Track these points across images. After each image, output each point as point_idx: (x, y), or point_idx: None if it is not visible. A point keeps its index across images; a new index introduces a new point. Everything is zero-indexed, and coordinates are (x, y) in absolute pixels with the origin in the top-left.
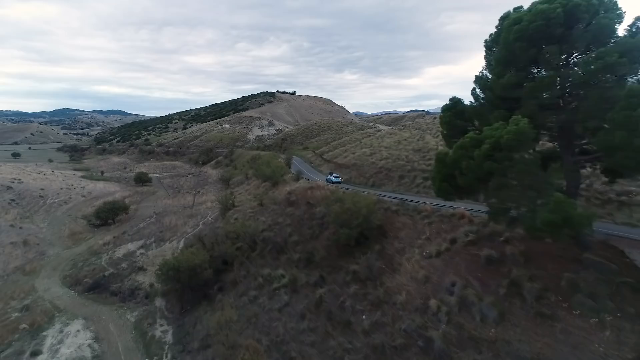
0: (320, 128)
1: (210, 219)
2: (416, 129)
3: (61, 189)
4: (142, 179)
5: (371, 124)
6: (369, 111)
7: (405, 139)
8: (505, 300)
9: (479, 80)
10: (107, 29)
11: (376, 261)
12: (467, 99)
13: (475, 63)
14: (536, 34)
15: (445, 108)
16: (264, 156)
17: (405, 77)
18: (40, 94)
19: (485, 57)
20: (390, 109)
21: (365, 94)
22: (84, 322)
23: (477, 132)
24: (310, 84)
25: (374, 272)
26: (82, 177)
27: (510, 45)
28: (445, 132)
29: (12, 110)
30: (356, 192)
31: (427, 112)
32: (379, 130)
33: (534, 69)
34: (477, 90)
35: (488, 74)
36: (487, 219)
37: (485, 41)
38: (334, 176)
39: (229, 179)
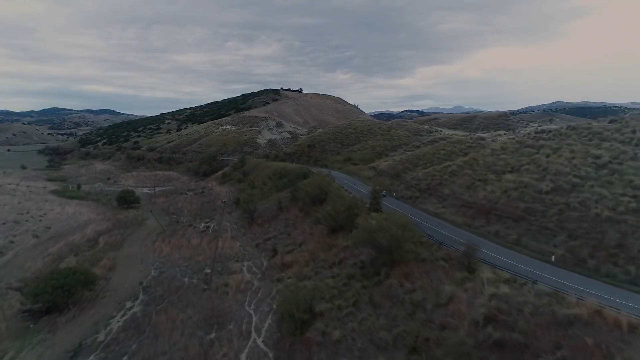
0: (357, 132)
1: (264, 347)
2: (600, 140)
3: (4, 223)
4: (127, 200)
5: (425, 126)
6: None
7: (606, 160)
8: None
9: None
10: (93, 26)
11: None
12: (463, 99)
13: (468, 63)
14: None
15: None
16: (300, 173)
17: (398, 77)
18: (29, 93)
19: None
20: (383, 109)
21: (357, 94)
22: None
23: None
24: (302, 83)
25: None
26: (53, 192)
27: None
28: None
29: None
30: None
31: (422, 113)
32: (483, 139)
33: None
34: None
35: None
36: None
37: None
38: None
39: (252, 209)
